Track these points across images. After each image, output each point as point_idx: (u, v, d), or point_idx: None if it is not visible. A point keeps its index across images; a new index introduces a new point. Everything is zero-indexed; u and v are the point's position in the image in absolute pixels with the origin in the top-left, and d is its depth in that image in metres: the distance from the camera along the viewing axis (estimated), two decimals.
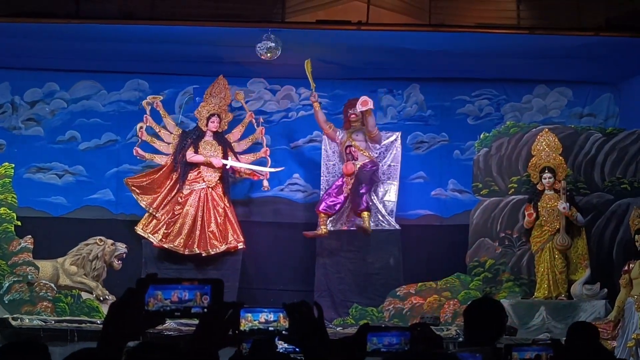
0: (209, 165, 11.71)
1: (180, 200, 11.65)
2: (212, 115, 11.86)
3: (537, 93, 12.96)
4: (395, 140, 12.19)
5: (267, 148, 12.12)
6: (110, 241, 11.42)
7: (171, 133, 12.00)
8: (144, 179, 11.78)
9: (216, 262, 11.67)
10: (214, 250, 11.53)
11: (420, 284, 11.66)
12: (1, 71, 12.61)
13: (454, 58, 11.91)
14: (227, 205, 11.77)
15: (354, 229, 11.84)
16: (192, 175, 11.73)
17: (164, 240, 11.51)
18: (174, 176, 11.80)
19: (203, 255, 11.49)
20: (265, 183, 12.03)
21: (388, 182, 12.07)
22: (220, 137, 11.94)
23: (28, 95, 12.69)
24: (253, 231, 12.36)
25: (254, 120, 12.16)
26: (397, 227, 11.93)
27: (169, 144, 11.95)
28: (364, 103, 11.53)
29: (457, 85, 12.87)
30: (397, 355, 2.76)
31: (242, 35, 11.26)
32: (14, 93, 12.65)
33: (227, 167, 11.76)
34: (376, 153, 12.02)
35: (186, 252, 11.48)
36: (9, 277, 11.21)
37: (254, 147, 12.24)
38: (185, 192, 11.67)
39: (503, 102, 12.93)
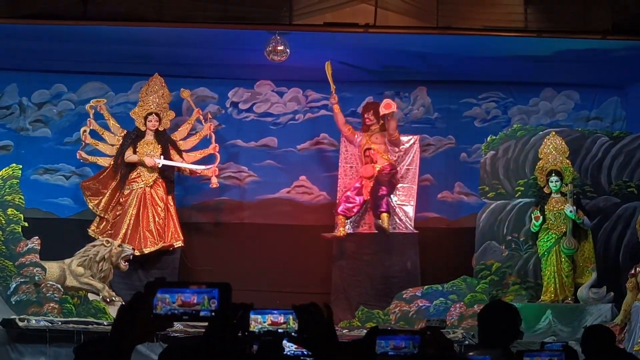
0: (144, 164, 11.75)
1: (122, 201, 11.79)
2: (150, 114, 11.88)
3: (544, 96, 12.93)
4: (414, 143, 12.15)
5: (216, 145, 12.11)
6: (117, 242, 11.42)
7: (115, 135, 12.07)
8: (93, 181, 11.93)
9: (154, 261, 11.77)
10: (148, 249, 11.60)
11: (426, 286, 11.63)
12: (9, 73, 12.62)
13: (461, 61, 11.90)
14: (170, 204, 11.83)
15: (373, 231, 11.81)
16: (132, 175, 11.83)
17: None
18: (118, 177, 11.88)
19: (137, 254, 11.51)
20: (214, 180, 11.96)
21: (406, 185, 12.05)
22: (160, 136, 11.96)
23: (36, 97, 12.70)
24: (259, 233, 12.37)
25: (201, 117, 12.17)
26: (415, 230, 11.92)
27: (113, 145, 12.03)
28: (387, 106, 11.53)
29: (464, 88, 12.85)
30: (406, 359, 2.76)
31: (250, 37, 11.27)
32: (22, 94, 12.65)
33: (159, 165, 11.75)
34: (395, 156, 12.00)
35: None
36: (15, 278, 11.20)
37: (204, 144, 12.17)
38: (126, 192, 11.78)
39: (510, 104, 12.91)
